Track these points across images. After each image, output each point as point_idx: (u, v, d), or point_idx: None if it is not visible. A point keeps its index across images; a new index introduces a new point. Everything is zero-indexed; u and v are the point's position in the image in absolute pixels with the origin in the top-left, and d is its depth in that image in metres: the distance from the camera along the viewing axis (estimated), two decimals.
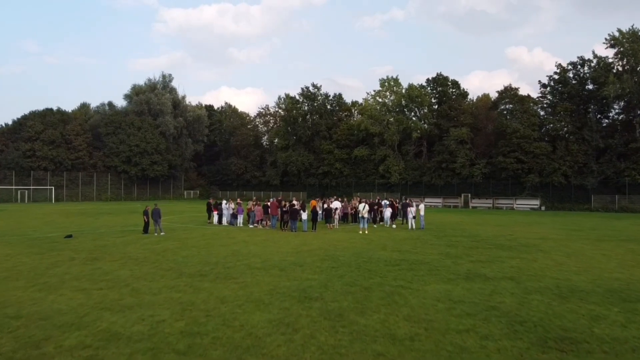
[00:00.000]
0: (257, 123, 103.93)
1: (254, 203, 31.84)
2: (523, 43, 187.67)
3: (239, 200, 36.06)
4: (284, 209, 28.12)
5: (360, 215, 26.48)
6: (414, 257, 17.43)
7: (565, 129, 62.12)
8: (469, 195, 66.46)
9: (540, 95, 66.32)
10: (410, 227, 28.46)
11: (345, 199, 39.52)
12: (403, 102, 76.75)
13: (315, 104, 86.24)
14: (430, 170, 71.01)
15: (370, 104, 78.45)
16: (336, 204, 32.12)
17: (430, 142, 75.08)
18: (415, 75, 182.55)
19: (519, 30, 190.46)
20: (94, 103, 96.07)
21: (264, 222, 29.84)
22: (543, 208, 59.55)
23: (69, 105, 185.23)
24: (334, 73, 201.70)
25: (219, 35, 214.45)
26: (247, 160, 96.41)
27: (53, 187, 75.77)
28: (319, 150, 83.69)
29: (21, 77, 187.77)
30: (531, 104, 66.17)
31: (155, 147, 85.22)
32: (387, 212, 33.54)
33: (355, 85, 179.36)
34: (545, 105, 66.17)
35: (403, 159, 75.22)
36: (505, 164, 63.05)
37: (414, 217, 28.38)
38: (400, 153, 75.94)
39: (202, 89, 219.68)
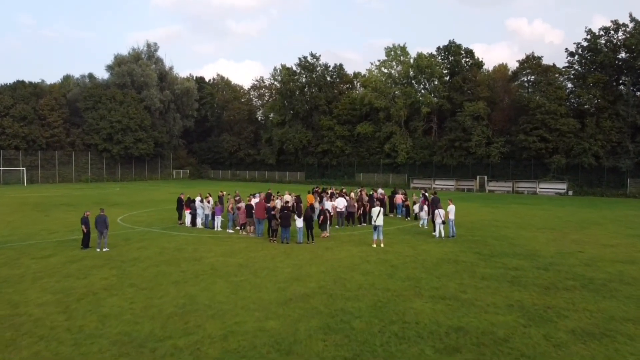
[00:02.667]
0: (251, 97, 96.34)
1: (235, 201, 25.02)
2: (523, 14, 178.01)
3: (222, 193, 29.25)
4: (273, 212, 21.31)
5: (373, 223, 19.75)
6: (473, 321, 10.74)
7: (596, 102, 54.84)
8: (485, 177, 59.65)
9: (567, 65, 58.90)
10: (437, 234, 21.76)
11: (347, 193, 32.68)
12: (411, 73, 69.26)
13: (314, 76, 78.66)
14: (442, 149, 64.00)
15: (375, 76, 70.94)
16: (340, 202, 25.30)
17: (441, 117, 67.86)
18: (414, 47, 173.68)
19: (519, 2, 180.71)
20: (78, 77, 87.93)
21: (248, 228, 23.08)
22: (570, 193, 52.84)
23: (56, 80, 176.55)
24: (334, 45, 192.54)
25: (216, 7, 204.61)
26: (240, 137, 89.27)
27: (25, 169, 68.72)
28: (318, 126, 76.48)
29: (13, 50, 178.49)
30: (557, 75, 58.80)
31: (139, 123, 77.98)
32: (417, 208, 27.20)
33: (356, 58, 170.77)
34: (572, 77, 58.75)
35: (411, 137, 68.15)
36: (527, 143, 56.04)
37: (443, 222, 21.63)
38: (407, 130, 68.82)
39: (200, 63, 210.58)
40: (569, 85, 59.23)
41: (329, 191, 33.58)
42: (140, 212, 32.80)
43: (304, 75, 79.34)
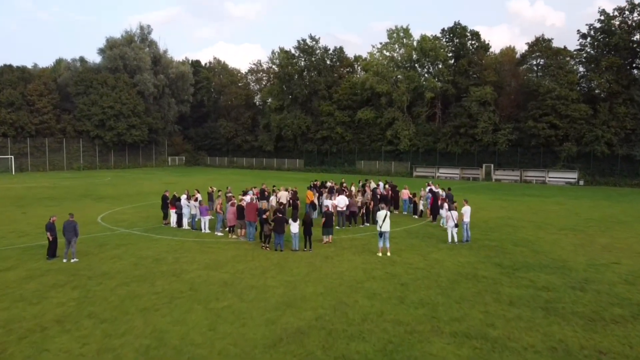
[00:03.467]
0: (248, 81, 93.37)
1: (227, 198, 22.62)
2: None
3: (211, 188, 26.90)
4: (265, 217, 18.90)
5: (379, 228, 17.43)
6: None
7: (609, 87, 52.10)
8: (492, 166, 57.21)
9: (578, 47, 56.04)
10: (450, 239, 19.43)
11: (348, 187, 30.31)
12: (414, 56, 66.45)
13: (313, 59, 75.68)
14: (446, 136, 61.40)
15: (376, 59, 68.05)
16: (341, 200, 22.91)
17: (446, 103, 65.17)
18: (417, 30, 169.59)
19: None
20: (69, 61, 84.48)
21: (239, 231, 20.72)
22: (581, 182, 50.45)
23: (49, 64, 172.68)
24: (334, 28, 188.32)
25: None
26: (237, 122, 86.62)
27: (13, 157, 66.18)
28: (318, 112, 73.76)
29: (8, 34, 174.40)
30: (568, 58, 55.98)
31: (132, 109, 75.22)
32: (422, 204, 25.05)
33: (357, 41, 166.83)
34: (584, 60, 55.94)
35: (414, 123, 65.52)
36: (536, 130, 53.46)
37: (456, 225, 19.29)
38: (410, 116, 66.17)
39: (198, 46, 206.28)
40: (581, 69, 56.45)
41: (328, 184, 31.34)
42: (126, 207, 30.47)
43: (303, 59, 76.40)
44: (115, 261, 16.61)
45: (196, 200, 24.59)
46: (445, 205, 21.25)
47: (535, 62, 58.85)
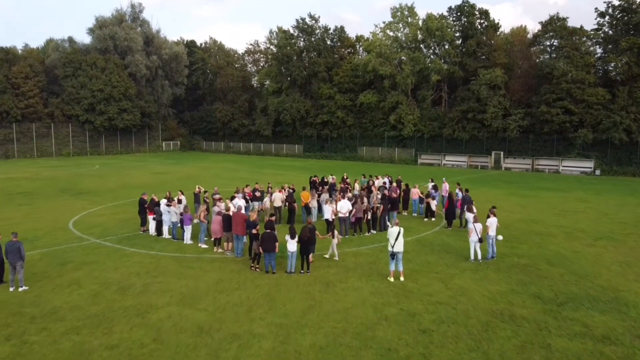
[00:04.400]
0: (245, 62, 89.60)
1: (214, 199, 19.60)
2: None
3: (199, 188, 23.86)
4: (255, 231, 15.91)
5: (390, 248, 14.50)
6: None
7: (629, 69, 48.61)
8: (502, 153, 54.12)
9: (596, 27, 52.45)
10: (473, 256, 16.52)
11: (351, 184, 27.28)
12: (419, 36, 62.87)
13: (313, 39, 72.02)
14: (453, 122, 58.12)
15: (379, 39, 64.44)
16: (344, 206, 19.90)
17: (453, 86, 61.80)
18: (423, 8, 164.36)
19: None
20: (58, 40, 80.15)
21: (226, 244, 17.77)
22: (598, 172, 47.43)
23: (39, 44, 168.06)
24: (335, 6, 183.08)
25: None
26: (234, 106, 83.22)
27: None
28: (317, 95, 70.37)
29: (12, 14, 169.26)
30: (584, 39, 52.43)
31: (123, 92, 71.87)
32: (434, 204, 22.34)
33: (359, 20, 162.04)
34: (601, 40, 52.43)
35: (418, 107, 62.25)
36: (550, 116, 50.22)
37: (480, 240, 16.36)
38: (415, 100, 62.86)
39: (195, 26, 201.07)
40: (598, 50, 52.99)
41: (329, 180, 28.38)
42: (106, 206, 27.51)
43: (302, 39, 72.76)
44: (72, 290, 13.70)
45: (180, 202, 21.71)
46: (470, 215, 18.24)
47: (548, 43, 55.26)
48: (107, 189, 34.93)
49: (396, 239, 14.43)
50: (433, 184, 26.76)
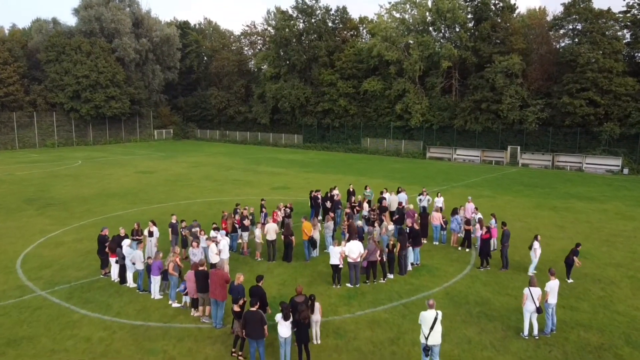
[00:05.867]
0: (241, 44, 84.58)
1: (177, 255, 15.31)
2: None
3: (175, 219, 19.29)
4: (237, 307, 11.82)
5: (423, 340, 10.41)
6: None
7: None
8: (518, 148, 49.82)
9: (624, 9, 47.66)
10: (527, 330, 12.48)
11: (357, 200, 22.98)
12: (429, 18, 57.94)
13: (313, 21, 67.06)
14: (465, 112, 53.60)
15: (385, 22, 59.59)
16: (354, 248, 15.75)
17: (464, 73, 57.14)
18: None
19: None
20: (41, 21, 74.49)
21: (201, 308, 13.68)
22: (626, 171, 43.22)
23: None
24: None
25: None
26: (229, 91, 78.64)
27: None
28: (318, 81, 65.72)
29: None
30: (611, 22, 47.66)
31: (110, 78, 67.23)
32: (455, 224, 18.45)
33: (362, 0, 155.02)
34: (629, 24, 47.68)
35: (427, 96, 57.73)
36: (572, 107, 45.83)
37: (539, 311, 12.29)
38: (423, 87, 58.30)
39: (190, 3, 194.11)
40: (627, 35, 48.24)
41: (333, 194, 24.26)
42: (70, 228, 23.39)
43: (302, 20, 67.78)
44: None
45: (150, 235, 17.66)
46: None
47: (571, 27, 50.49)
48: (81, 197, 30.74)
49: (432, 327, 10.35)
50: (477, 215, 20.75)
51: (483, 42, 53.65)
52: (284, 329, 11.02)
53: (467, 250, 19.83)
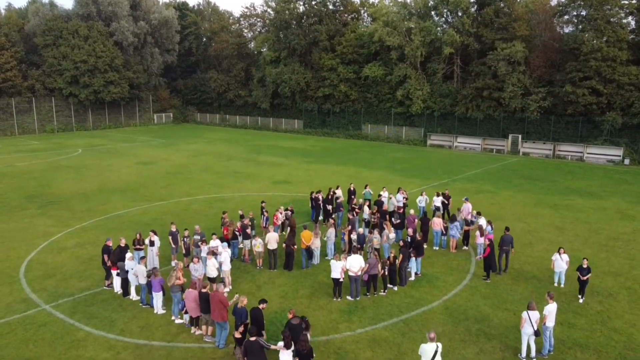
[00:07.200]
0: (241, 26, 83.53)
1: (180, 270, 15.33)
2: None
3: (175, 228, 19.27)
4: (239, 333, 12.00)
5: None
6: None
7: None
8: (519, 137, 49.67)
9: None
10: (524, 352, 12.67)
11: (358, 204, 23.02)
12: (431, 2, 57.14)
13: (314, 3, 66.06)
14: (466, 99, 53.27)
15: (387, 6, 58.77)
16: (355, 262, 15.87)
17: (466, 59, 56.61)
18: None
19: None
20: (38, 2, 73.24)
21: (205, 327, 13.86)
22: (627, 161, 43.19)
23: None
24: None
25: None
26: (229, 75, 78.04)
27: None
28: (318, 66, 65.16)
29: None
30: (616, 9, 46.94)
31: (108, 63, 66.68)
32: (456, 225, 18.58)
33: None
34: (635, 11, 46.99)
35: (428, 82, 57.27)
36: (575, 96, 45.52)
37: (537, 334, 12.46)
38: (425, 74, 57.80)
39: None
40: (632, 22, 47.60)
41: (334, 194, 24.31)
42: (73, 230, 23.52)
43: (302, 3, 66.78)
44: None
45: (152, 244, 17.82)
46: (532, 300, 13.93)
47: (575, 13, 49.77)
48: (82, 194, 30.80)
49: (432, 359, 10.52)
50: (480, 219, 20.80)
51: (486, 28, 53.03)
52: (286, 357, 11.19)
53: (465, 248, 20.42)
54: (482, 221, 20.36)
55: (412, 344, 13.10)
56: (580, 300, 15.93)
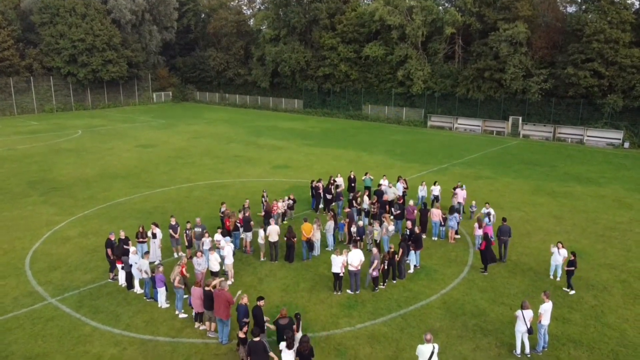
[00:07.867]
0: (240, 3, 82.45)
1: (183, 265, 15.56)
2: None
3: (174, 220, 19.55)
4: (242, 333, 12.32)
5: None
6: None
7: None
8: (520, 119, 49.59)
9: None
10: (518, 349, 13.04)
11: (358, 196, 23.14)
12: None
13: None
14: (467, 80, 53.01)
15: None
16: (355, 257, 16.16)
17: (468, 40, 56.13)
18: None
19: None
20: None
21: (208, 323, 14.21)
22: (626, 145, 43.28)
23: None
24: None
25: None
26: (228, 53, 77.37)
27: None
28: (318, 45, 64.58)
29: None
30: None
31: (107, 42, 66.07)
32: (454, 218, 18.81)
33: None
34: None
35: (429, 62, 56.87)
36: (576, 79, 45.30)
37: (529, 332, 12.81)
38: (426, 54, 57.34)
39: None
40: (636, 3, 47.06)
41: (335, 182, 24.44)
42: (75, 218, 23.77)
43: None
44: None
45: (154, 237, 18.10)
46: (525, 300, 14.17)
47: None
48: (83, 179, 30.97)
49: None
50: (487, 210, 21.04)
51: (488, 8, 52.45)
52: (288, 356, 11.54)
53: (457, 236, 21.02)
54: (492, 212, 20.78)
55: (410, 340, 13.47)
56: (571, 292, 16.29)
